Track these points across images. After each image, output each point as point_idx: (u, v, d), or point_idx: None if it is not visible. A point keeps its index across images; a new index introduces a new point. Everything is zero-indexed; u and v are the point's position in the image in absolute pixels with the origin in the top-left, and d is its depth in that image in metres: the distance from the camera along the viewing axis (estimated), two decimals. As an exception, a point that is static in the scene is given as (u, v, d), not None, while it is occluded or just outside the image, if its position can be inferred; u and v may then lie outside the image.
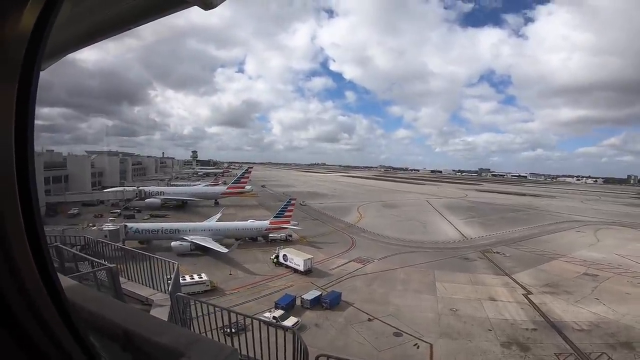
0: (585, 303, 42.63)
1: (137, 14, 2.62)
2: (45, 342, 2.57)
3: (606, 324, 37.13)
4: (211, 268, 47.58)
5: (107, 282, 10.08)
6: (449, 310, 39.19)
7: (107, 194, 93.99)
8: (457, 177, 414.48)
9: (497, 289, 46.54)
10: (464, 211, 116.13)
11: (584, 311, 40.36)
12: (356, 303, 39.04)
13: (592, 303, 42.66)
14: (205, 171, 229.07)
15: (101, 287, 9.98)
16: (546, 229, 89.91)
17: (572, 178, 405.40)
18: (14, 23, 2.08)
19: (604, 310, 40.59)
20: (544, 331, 35.53)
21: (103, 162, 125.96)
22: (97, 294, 7.09)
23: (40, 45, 2.22)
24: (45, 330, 2.56)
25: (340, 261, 54.44)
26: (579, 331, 35.46)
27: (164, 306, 10.66)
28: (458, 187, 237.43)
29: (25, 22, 2.12)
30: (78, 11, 2.71)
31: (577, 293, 45.90)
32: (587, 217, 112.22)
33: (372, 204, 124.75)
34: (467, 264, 57.66)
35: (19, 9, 2.08)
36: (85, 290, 5.67)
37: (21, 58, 2.12)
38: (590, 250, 69.51)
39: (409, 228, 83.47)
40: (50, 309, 2.58)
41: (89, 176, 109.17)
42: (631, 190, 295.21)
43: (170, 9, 2.49)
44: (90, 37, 3.10)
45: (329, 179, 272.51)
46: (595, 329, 36.12)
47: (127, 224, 56.56)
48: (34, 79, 2.19)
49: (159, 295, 11.69)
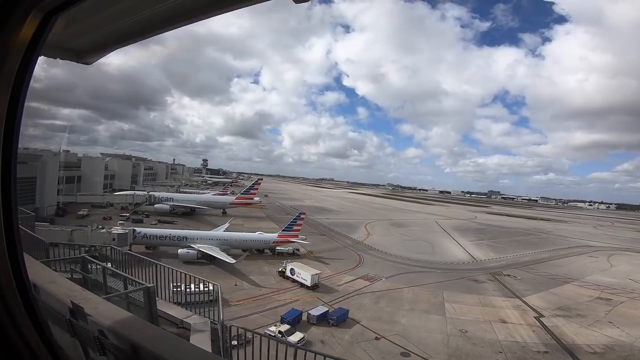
0: (599, 326, 41.60)
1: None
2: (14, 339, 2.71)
3: (620, 347, 36.32)
4: (216, 277, 46.98)
5: (143, 301, 9.16)
6: (458, 331, 38.26)
7: (118, 197, 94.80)
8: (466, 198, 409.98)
9: (508, 311, 45.52)
10: (473, 233, 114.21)
11: (597, 334, 39.37)
12: (363, 321, 38.21)
13: (605, 326, 41.61)
14: (214, 180, 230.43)
15: (131, 305, 9.10)
16: (558, 254, 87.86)
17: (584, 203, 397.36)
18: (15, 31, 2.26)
19: (618, 334, 39.62)
20: (556, 354, 34.75)
21: (116, 165, 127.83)
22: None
23: (36, 50, 2.44)
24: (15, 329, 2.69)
25: (347, 278, 53.62)
26: (592, 354, 34.75)
27: (203, 332, 9.78)
28: (467, 208, 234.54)
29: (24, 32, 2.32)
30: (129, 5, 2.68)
31: (590, 316, 44.84)
32: (599, 243, 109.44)
33: (380, 222, 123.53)
34: (476, 285, 56.39)
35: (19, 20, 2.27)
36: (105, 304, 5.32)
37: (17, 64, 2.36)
38: (603, 275, 67.93)
39: (417, 248, 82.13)
40: (21, 310, 2.72)
41: (101, 178, 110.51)
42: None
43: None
44: (153, 28, 2.94)
45: (337, 194, 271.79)
46: (609, 351, 35.37)
47: (136, 229, 56.68)
48: (24, 86, 2.44)
49: (195, 318, 10.83)
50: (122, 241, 51.98)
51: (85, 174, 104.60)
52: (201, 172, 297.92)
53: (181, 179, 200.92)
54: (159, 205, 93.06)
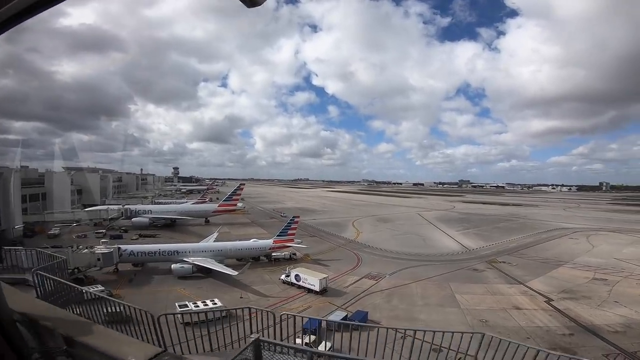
0: (608, 306, 42.84)
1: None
2: None
3: (637, 324, 37.37)
4: (218, 291, 44.18)
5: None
6: (478, 321, 38.08)
7: (90, 212, 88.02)
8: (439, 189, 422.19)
9: (517, 297, 46.12)
10: (457, 223, 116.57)
11: (609, 314, 40.52)
12: (383, 321, 36.88)
13: (614, 306, 42.87)
14: (188, 188, 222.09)
15: None
16: (541, 237, 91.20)
17: (547, 187, 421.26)
18: None
19: (628, 312, 40.88)
20: (581, 335, 35.39)
21: (82, 179, 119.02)
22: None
23: None
24: None
25: (351, 278, 52.15)
26: (614, 333, 35.61)
27: None
28: (443, 199, 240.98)
29: None
30: None
31: (596, 297, 46.16)
32: (573, 225, 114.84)
33: (365, 218, 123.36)
34: (477, 274, 56.85)
35: None
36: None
37: None
38: (589, 256, 70.71)
39: (409, 242, 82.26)
40: None
41: (68, 194, 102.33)
42: (605, 196, 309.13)
43: None
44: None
45: (315, 194, 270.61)
46: (628, 330, 36.36)
47: (121, 246, 52.26)
48: None
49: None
50: (108, 261, 47.96)
51: (50, 191, 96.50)
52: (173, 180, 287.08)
53: (153, 189, 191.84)
54: (137, 218, 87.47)
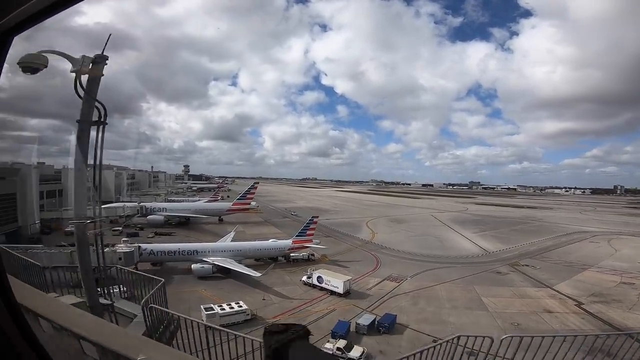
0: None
1: None
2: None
3: None
4: (239, 293, 43.51)
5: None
6: (510, 325, 37.26)
7: (106, 209, 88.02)
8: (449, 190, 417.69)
9: (547, 300, 45.05)
10: (472, 225, 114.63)
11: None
12: (411, 324, 36.11)
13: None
14: (199, 186, 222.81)
15: None
16: (561, 241, 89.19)
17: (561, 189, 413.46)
18: None
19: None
20: (619, 338, 33.39)
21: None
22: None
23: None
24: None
25: (373, 280, 51.23)
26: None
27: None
28: (454, 200, 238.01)
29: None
30: None
31: (626, 301, 45.01)
32: (592, 228, 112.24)
33: (379, 219, 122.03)
34: (502, 277, 55.66)
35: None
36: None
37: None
38: (613, 260, 69.04)
39: (426, 243, 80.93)
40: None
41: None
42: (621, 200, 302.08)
43: None
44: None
45: (324, 194, 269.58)
46: None
47: (141, 245, 51.94)
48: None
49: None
50: (129, 260, 47.17)
51: (66, 187, 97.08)
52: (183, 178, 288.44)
53: (165, 187, 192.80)
54: (153, 216, 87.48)
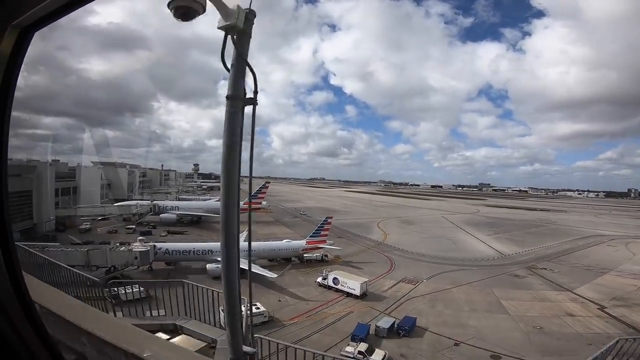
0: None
1: None
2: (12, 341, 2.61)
3: None
4: (254, 294, 42.98)
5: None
6: (532, 328, 36.50)
7: (120, 207, 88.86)
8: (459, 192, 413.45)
9: (568, 304, 44.13)
10: (485, 227, 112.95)
11: None
12: (431, 327, 35.41)
13: None
14: (209, 185, 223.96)
15: None
16: (577, 244, 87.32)
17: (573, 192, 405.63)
18: None
19: None
20: None
21: (111, 173, 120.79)
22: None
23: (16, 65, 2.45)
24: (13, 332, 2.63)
25: (388, 282, 50.56)
26: None
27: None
28: (465, 202, 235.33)
29: None
30: None
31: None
32: (609, 232, 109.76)
33: (390, 220, 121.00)
34: (520, 281, 54.65)
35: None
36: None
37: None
38: (632, 264, 67.54)
39: (439, 245, 79.81)
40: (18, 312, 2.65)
41: (98, 188, 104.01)
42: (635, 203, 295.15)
43: None
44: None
45: (333, 194, 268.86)
46: None
47: (155, 244, 52.05)
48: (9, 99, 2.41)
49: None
50: (145, 259, 47.65)
51: (81, 185, 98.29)
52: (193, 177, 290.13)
53: (176, 185, 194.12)
54: (166, 215, 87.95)
